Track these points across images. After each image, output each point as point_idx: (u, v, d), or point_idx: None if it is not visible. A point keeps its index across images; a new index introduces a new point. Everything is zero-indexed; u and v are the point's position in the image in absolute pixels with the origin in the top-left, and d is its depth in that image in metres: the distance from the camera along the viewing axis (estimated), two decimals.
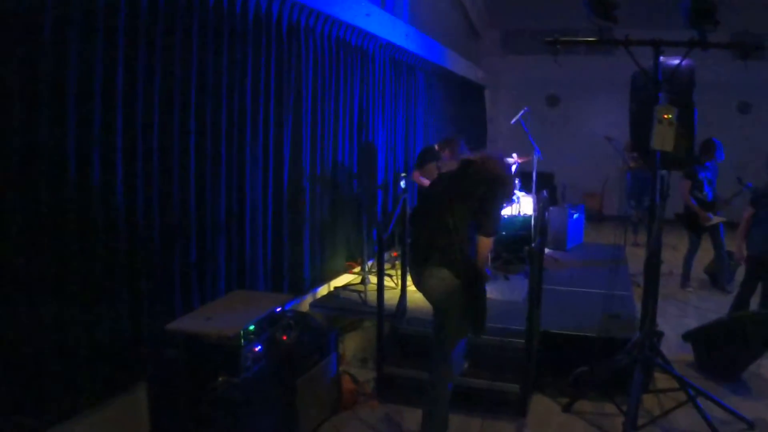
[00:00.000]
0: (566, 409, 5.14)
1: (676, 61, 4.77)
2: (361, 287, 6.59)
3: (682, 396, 4.95)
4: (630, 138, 5.25)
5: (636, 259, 9.46)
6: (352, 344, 6.39)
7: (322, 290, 6.90)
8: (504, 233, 7.58)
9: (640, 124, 4.70)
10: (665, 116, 4.38)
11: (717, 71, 12.41)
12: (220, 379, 3.30)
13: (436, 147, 7.48)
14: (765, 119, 14.33)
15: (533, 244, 5.14)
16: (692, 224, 8.32)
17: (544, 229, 5.77)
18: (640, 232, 11.61)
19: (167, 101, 4.45)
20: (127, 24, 4.00)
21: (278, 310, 3.91)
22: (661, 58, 4.70)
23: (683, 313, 6.81)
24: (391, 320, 5.69)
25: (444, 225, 4.19)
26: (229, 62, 5.13)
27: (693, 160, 4.78)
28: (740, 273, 7.35)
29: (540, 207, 6.31)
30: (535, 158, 8.35)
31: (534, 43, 5.13)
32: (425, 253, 4.33)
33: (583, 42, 4.82)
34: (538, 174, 8.37)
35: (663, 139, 4.40)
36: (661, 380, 5.39)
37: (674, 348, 6.27)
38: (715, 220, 8.17)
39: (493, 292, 6.66)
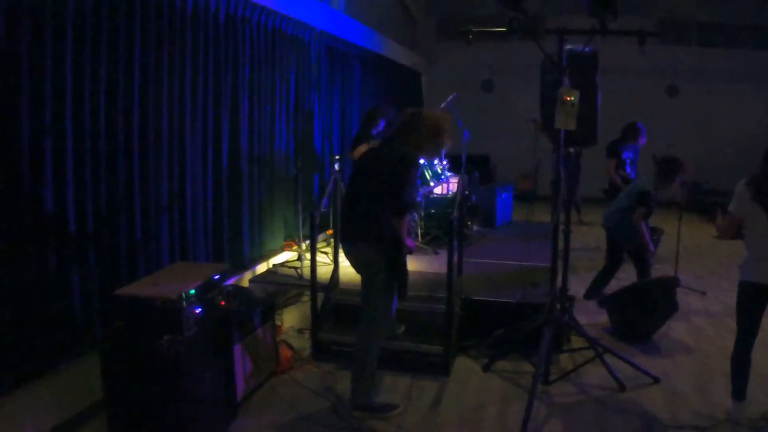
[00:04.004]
0: (486, 368, 5.55)
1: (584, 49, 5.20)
2: (297, 263, 6.92)
3: (594, 355, 5.39)
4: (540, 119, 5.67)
5: (580, 236, 10.05)
6: (290, 318, 6.77)
7: (261, 267, 7.24)
8: (434, 211, 8.02)
9: (548, 106, 5.11)
10: (567, 98, 4.79)
11: (647, 57, 13.02)
12: (165, 337, 3.65)
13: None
14: (691, 102, 14.98)
15: (452, 217, 5.56)
16: None
17: (462, 204, 6.18)
18: (582, 211, 12.21)
19: (113, 88, 4.73)
20: (75, 17, 4.28)
21: (217, 277, 4.25)
22: (571, 45, 5.11)
23: (609, 286, 7.30)
24: (325, 292, 6.06)
25: (365, 201, 4.57)
26: (169, 53, 5.41)
27: (594, 138, 5.19)
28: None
29: (459, 184, 6.74)
30: (464, 141, 8.80)
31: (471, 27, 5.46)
32: (350, 228, 4.73)
33: (494, 32, 5.23)
34: (474, 156, 8.77)
35: (566, 119, 4.83)
36: (578, 343, 5.82)
37: (594, 314, 6.79)
38: None
39: (422, 265, 7.12)
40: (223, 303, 4.32)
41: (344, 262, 5.11)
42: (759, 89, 14.47)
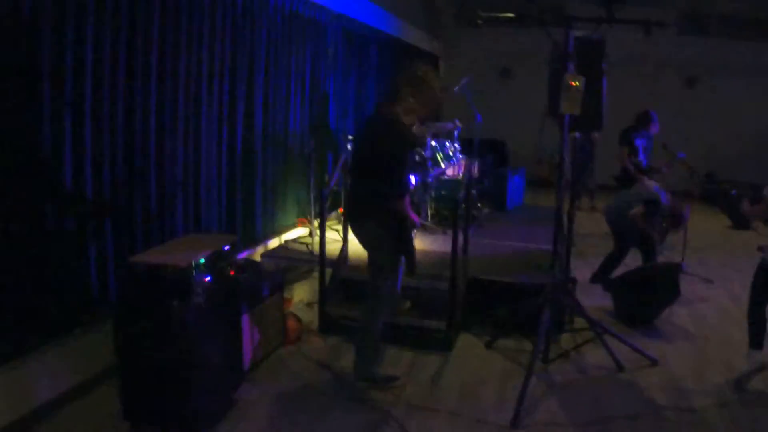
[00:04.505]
0: (488, 345, 5.71)
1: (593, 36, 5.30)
2: (309, 240, 7.11)
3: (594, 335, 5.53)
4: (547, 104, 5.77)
5: (591, 222, 10.15)
6: (299, 292, 6.94)
7: (273, 243, 7.42)
8: (444, 193, 8.15)
9: (554, 91, 5.22)
10: (572, 83, 4.91)
11: (665, 48, 13.02)
12: (175, 303, 3.83)
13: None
14: (710, 94, 14.85)
15: (458, 197, 5.70)
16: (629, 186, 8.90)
17: (469, 185, 6.33)
18: (595, 199, 12.30)
19: (132, 67, 4.90)
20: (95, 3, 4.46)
21: (226, 248, 4.41)
22: (581, 33, 5.20)
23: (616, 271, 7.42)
24: (334, 267, 6.24)
25: (366, 181, 4.73)
26: (188, 34, 5.57)
27: (600, 124, 5.29)
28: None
29: (465, 166, 6.88)
30: (477, 124, 8.90)
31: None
32: (355, 207, 4.91)
33: (502, 18, 5.35)
34: (490, 141, 8.85)
35: (570, 104, 4.94)
36: (581, 325, 5.88)
37: (600, 298, 6.90)
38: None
39: (431, 244, 7.26)
40: (232, 273, 4.48)
41: (353, 239, 5.26)
42: None
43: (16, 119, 3.97)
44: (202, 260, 4.03)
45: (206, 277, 4.05)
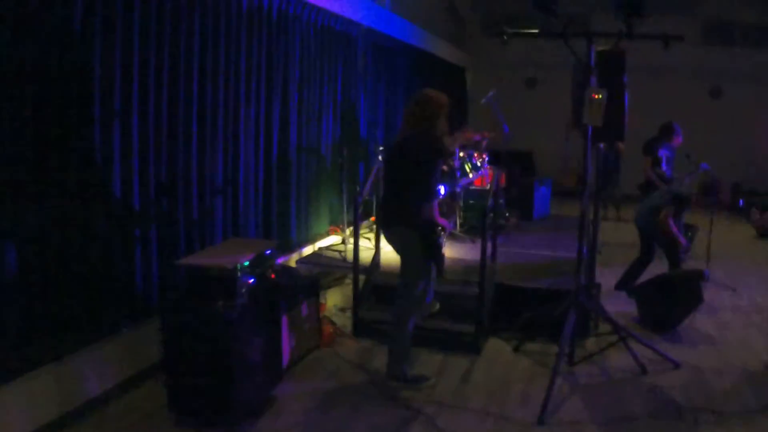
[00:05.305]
0: (516, 349, 5.89)
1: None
2: (342, 247, 7.36)
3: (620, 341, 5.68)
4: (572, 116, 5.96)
5: (617, 232, 10.30)
6: (332, 298, 7.17)
7: (307, 250, 7.68)
8: (472, 202, 8.37)
9: (577, 104, 5.42)
10: (595, 96, 5.11)
11: (690, 58, 13.09)
12: (220, 303, 4.09)
13: None
14: (734, 104, 14.87)
15: (486, 206, 5.92)
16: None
17: (497, 194, 6.55)
18: (621, 208, 12.44)
19: (174, 81, 5.21)
20: (141, 16, 4.76)
21: (268, 252, 4.66)
22: (603, 47, 5.40)
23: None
24: (367, 273, 6.48)
25: (397, 188, 5.01)
26: (225, 48, 5.87)
27: (622, 135, 5.48)
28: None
29: (493, 176, 7.08)
30: (505, 135, 9.12)
31: (514, 26, 5.81)
32: (387, 214, 5.17)
33: (527, 33, 5.57)
34: (517, 151, 9.02)
35: (593, 116, 5.14)
36: (606, 330, 6.05)
37: (624, 305, 7.03)
38: None
39: (460, 252, 7.49)
40: (273, 276, 4.73)
41: (385, 247, 5.48)
42: None
43: (67, 126, 4.25)
44: (246, 263, 4.27)
45: (249, 278, 4.30)
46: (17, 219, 3.95)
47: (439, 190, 7.02)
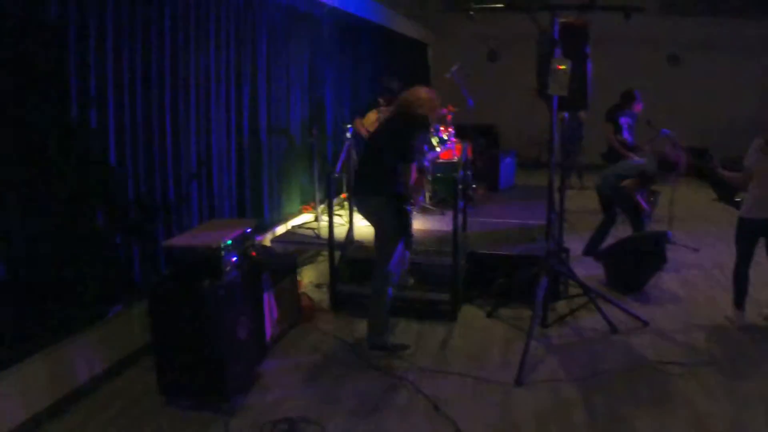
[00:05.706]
0: (489, 315, 6.10)
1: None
2: (315, 225, 7.46)
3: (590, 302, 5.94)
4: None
5: (581, 199, 10.55)
6: (308, 275, 7.33)
7: (281, 229, 7.76)
8: (440, 175, 8.52)
9: (543, 74, 5.56)
10: (559, 67, 5.26)
11: (649, 27, 13.29)
12: (206, 281, 4.19)
13: (380, 100, 8.41)
14: (693, 71, 15.24)
15: (456, 176, 6.08)
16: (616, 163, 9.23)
17: (467, 165, 6.71)
18: (584, 176, 12.69)
19: (147, 67, 5.23)
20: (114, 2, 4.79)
21: (249, 230, 4.76)
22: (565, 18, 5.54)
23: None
24: (341, 248, 6.61)
25: (380, 161, 5.13)
26: (195, 33, 5.89)
27: (585, 104, 5.64)
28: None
29: (462, 148, 7.24)
30: (469, 109, 9.26)
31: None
32: (362, 183, 5.31)
33: (492, 8, 5.70)
34: (480, 125, 9.16)
35: (558, 85, 5.30)
36: (575, 292, 6.28)
37: (592, 269, 7.25)
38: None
39: (431, 224, 7.66)
40: (254, 254, 4.84)
41: (358, 222, 5.58)
42: (762, 59, 14.73)
43: (44, 111, 4.27)
44: (230, 242, 4.37)
45: (233, 257, 4.41)
46: None
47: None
